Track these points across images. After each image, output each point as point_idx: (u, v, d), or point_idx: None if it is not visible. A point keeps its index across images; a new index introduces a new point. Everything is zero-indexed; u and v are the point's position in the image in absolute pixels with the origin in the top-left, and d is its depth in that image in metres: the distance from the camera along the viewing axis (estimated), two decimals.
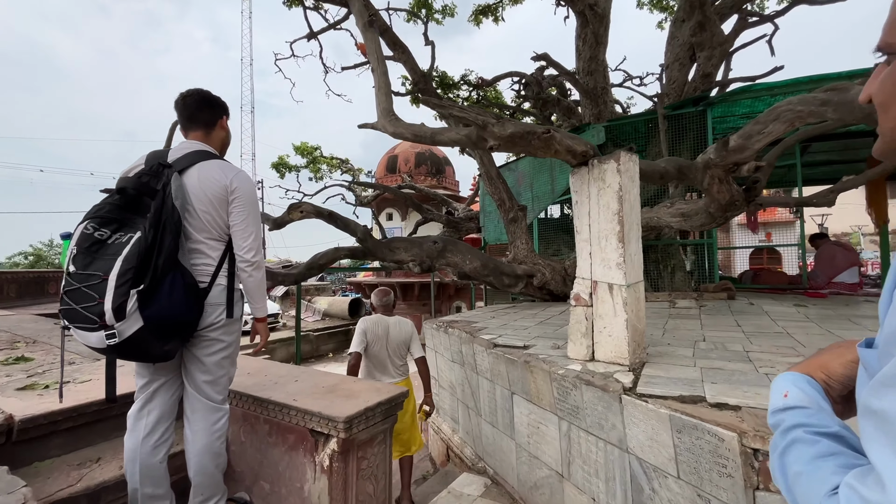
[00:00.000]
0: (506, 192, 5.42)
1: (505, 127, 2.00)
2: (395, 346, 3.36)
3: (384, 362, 3.33)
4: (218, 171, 1.75)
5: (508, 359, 2.70)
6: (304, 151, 11.37)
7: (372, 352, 3.30)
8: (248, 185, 1.81)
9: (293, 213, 5.24)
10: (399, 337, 3.37)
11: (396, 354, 3.37)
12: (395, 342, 3.36)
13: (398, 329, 3.37)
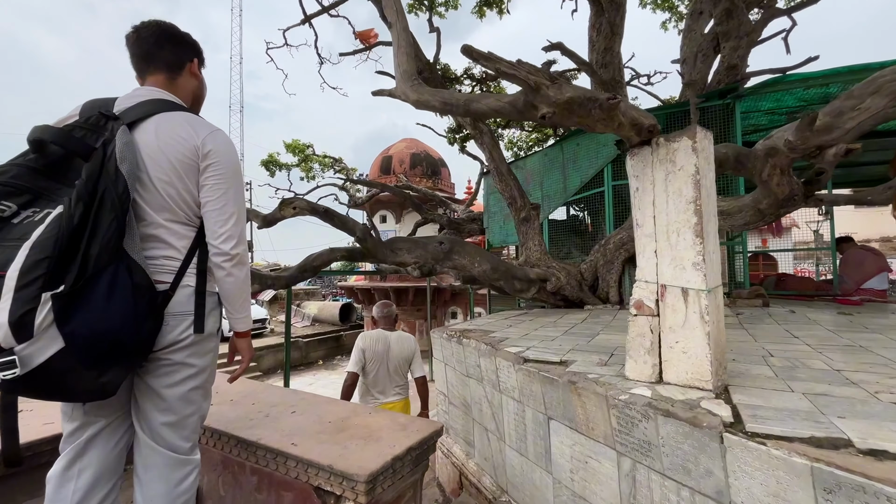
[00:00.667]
0: (517, 190, 5.02)
1: (562, 90, 1.59)
2: (396, 364, 3.20)
3: (383, 382, 3.15)
4: (185, 126, 1.28)
5: (545, 377, 2.27)
6: (296, 149, 10.87)
7: (370, 370, 3.14)
8: (228, 148, 1.35)
9: (285, 210, 4.76)
10: (401, 354, 3.18)
11: (397, 373, 3.21)
12: (396, 360, 3.18)
13: (400, 346, 3.18)
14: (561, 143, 5.67)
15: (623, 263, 4.72)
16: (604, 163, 5.11)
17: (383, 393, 3.22)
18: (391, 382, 3.23)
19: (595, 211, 5.50)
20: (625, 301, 4.69)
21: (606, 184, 5.09)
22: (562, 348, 2.72)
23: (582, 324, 3.75)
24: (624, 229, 4.67)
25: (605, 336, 3.12)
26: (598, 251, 4.85)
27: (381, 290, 13.87)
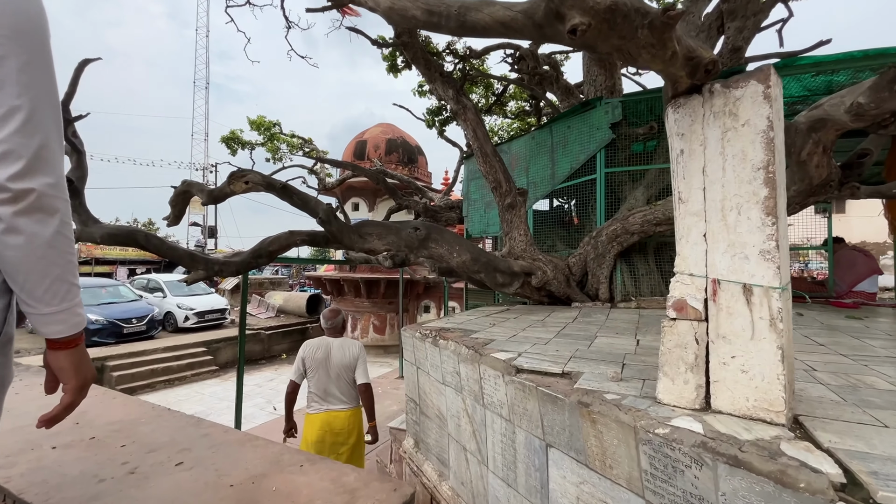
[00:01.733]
0: (503, 173, 4.52)
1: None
2: (338, 371, 3.10)
3: (327, 388, 3.07)
4: None
5: (545, 394, 1.78)
6: (261, 126, 9.99)
7: (311, 378, 3.10)
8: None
9: (235, 184, 4.09)
10: (342, 361, 3.09)
11: (340, 380, 3.11)
12: (337, 367, 3.10)
13: (341, 353, 3.11)
14: (550, 125, 5.22)
15: (615, 258, 4.32)
16: (597, 147, 4.68)
17: (327, 401, 3.13)
18: (335, 389, 3.12)
19: (583, 201, 5.10)
20: (616, 299, 4.29)
21: (599, 171, 4.67)
22: (560, 355, 2.24)
23: (574, 324, 3.30)
24: (618, 220, 4.26)
25: (605, 340, 2.67)
26: (589, 244, 4.43)
27: (350, 281, 13.18)
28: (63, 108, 4.76)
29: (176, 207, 4.39)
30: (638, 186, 4.75)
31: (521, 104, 9.22)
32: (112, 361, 8.96)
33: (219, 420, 7.09)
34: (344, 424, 3.17)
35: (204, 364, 10.32)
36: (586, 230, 5.34)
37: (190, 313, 12.70)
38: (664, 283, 4.40)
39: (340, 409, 3.16)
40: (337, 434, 3.12)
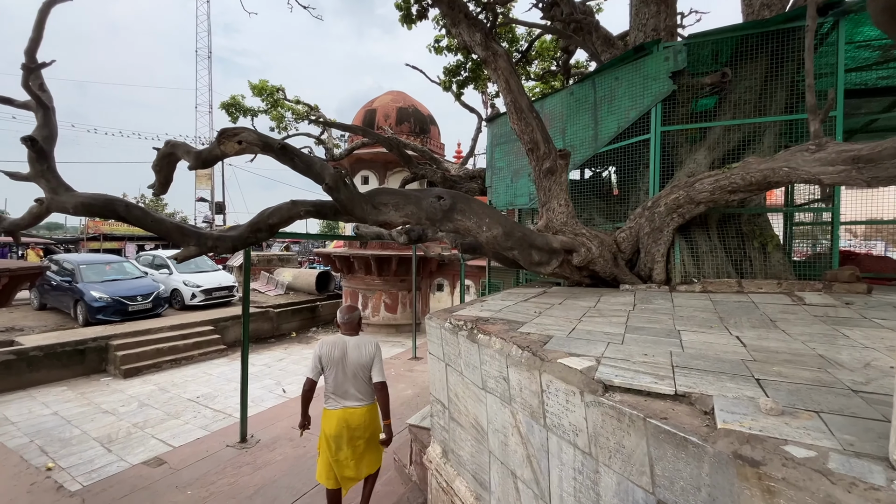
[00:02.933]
0: (540, 133, 3.83)
1: None
2: (355, 370, 3.08)
3: (343, 387, 3.08)
4: None
5: (661, 430, 1.19)
6: (263, 91, 9.27)
7: (328, 376, 3.08)
8: None
9: (226, 144, 3.47)
10: (359, 361, 3.09)
11: (357, 378, 3.08)
12: (353, 366, 3.09)
13: (358, 352, 3.10)
14: (593, 77, 4.47)
15: (674, 232, 3.65)
16: (652, 102, 3.95)
17: (344, 398, 3.09)
18: (352, 387, 3.09)
19: (629, 167, 4.40)
20: (673, 280, 3.66)
21: (654, 129, 3.95)
22: (654, 362, 1.63)
23: (638, 313, 2.68)
24: (680, 187, 3.57)
25: (695, 337, 2.06)
26: (643, 216, 3.77)
27: (361, 258, 12.65)
28: (28, 56, 4.15)
29: (161, 173, 3.80)
30: (699, 149, 4.03)
31: (547, 64, 8.34)
32: (116, 340, 8.64)
33: (227, 403, 6.73)
34: (361, 420, 3.10)
35: (211, 343, 9.98)
36: (631, 201, 4.65)
37: (197, 291, 12.34)
38: (731, 263, 3.74)
39: (357, 406, 3.10)
40: (354, 429, 3.08)
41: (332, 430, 3.06)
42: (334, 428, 3.05)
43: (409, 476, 3.78)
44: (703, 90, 3.93)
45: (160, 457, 4.92)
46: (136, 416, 6.14)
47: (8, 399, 6.84)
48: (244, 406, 5.30)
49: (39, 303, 11.18)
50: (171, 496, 4.10)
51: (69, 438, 5.41)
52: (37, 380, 7.50)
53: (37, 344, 7.82)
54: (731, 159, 3.90)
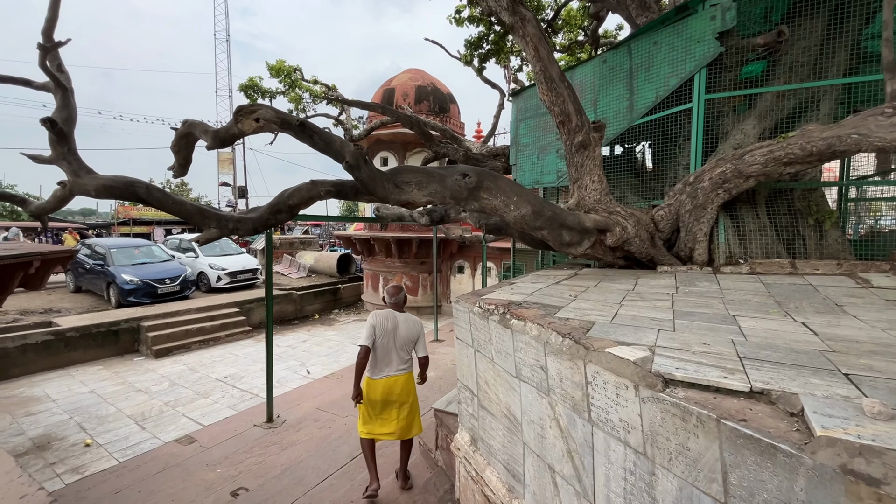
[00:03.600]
0: (573, 104, 3.57)
1: None
2: (402, 342, 3.42)
3: (390, 356, 3.38)
4: None
5: (739, 434, 1.03)
6: (280, 72, 9.12)
7: (379, 345, 3.36)
8: None
9: (244, 122, 3.35)
10: (407, 335, 3.43)
11: (403, 349, 3.42)
12: (402, 339, 3.42)
13: (407, 327, 3.44)
14: (629, 43, 4.13)
15: (718, 209, 3.38)
16: (696, 67, 3.61)
17: (389, 366, 3.41)
18: (397, 358, 3.43)
19: (665, 140, 4.09)
20: (717, 261, 3.40)
21: (697, 97, 3.63)
22: (715, 352, 1.45)
23: (682, 296, 2.47)
24: (727, 160, 3.28)
25: (754, 323, 1.85)
26: (683, 192, 3.49)
27: (381, 240, 12.60)
28: (44, 36, 4.10)
29: (180, 154, 3.72)
30: (747, 118, 3.69)
31: (574, 34, 7.87)
32: (147, 322, 8.88)
33: (253, 383, 6.84)
34: (402, 387, 3.46)
35: (237, 325, 10.18)
36: (668, 177, 4.36)
37: (222, 273, 12.56)
38: (781, 242, 3.45)
39: (399, 374, 3.43)
40: (398, 395, 3.43)
41: (377, 396, 3.39)
42: (379, 394, 3.39)
43: (435, 461, 3.72)
44: (753, 53, 3.57)
45: (191, 435, 5.03)
46: (168, 395, 6.30)
47: (49, 377, 7.13)
48: (270, 387, 5.35)
49: (74, 285, 11.59)
50: (201, 474, 4.18)
51: (105, 416, 5.59)
52: (74, 359, 7.80)
53: (73, 325, 8.10)
54: (783, 129, 3.55)
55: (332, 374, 7.37)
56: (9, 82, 3.78)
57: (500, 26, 7.02)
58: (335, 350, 8.99)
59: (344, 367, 7.74)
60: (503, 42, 7.42)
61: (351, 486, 3.84)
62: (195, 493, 3.86)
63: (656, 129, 4.16)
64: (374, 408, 3.43)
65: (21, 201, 4.04)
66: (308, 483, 3.97)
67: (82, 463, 4.47)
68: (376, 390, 3.39)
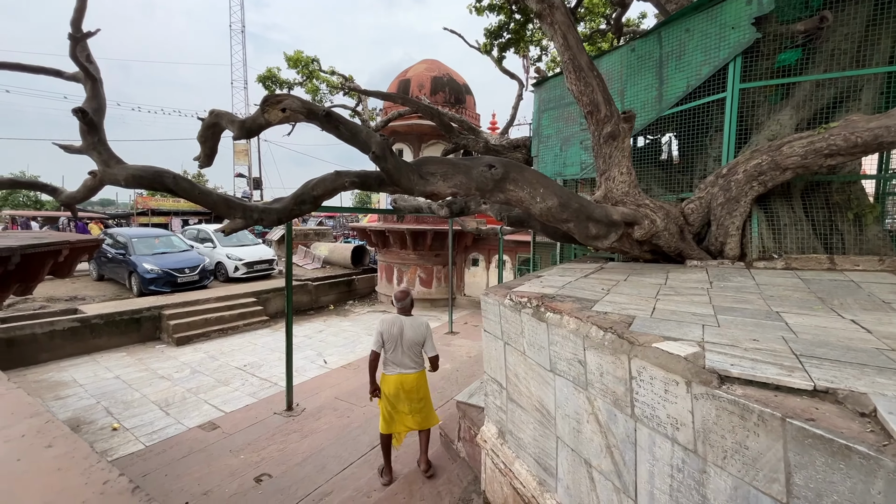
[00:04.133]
0: (602, 93, 3.49)
1: None
2: (410, 344, 3.60)
3: (400, 358, 3.61)
4: None
5: (808, 434, 0.99)
6: (298, 63, 9.12)
7: (388, 348, 3.60)
8: None
9: (270, 112, 3.35)
10: (413, 338, 3.61)
11: (412, 351, 3.63)
12: (408, 342, 3.60)
13: (413, 331, 3.62)
14: (659, 30, 4.01)
15: (752, 203, 3.28)
16: (730, 54, 3.49)
17: (400, 366, 3.61)
18: (407, 358, 3.62)
19: (694, 131, 3.97)
20: (749, 256, 3.31)
21: (731, 86, 3.52)
22: (770, 349, 1.41)
23: (717, 291, 2.41)
24: (762, 152, 3.18)
25: (801, 320, 1.80)
26: (715, 184, 3.40)
27: (396, 232, 12.61)
28: (73, 26, 4.14)
29: (206, 144, 3.74)
30: (782, 108, 3.56)
31: (596, 23, 7.70)
32: (168, 310, 9.06)
33: (272, 372, 6.95)
34: (414, 384, 3.64)
35: (255, 314, 10.33)
36: (697, 169, 4.25)
37: (240, 264, 12.73)
38: (817, 237, 3.34)
39: (410, 373, 3.63)
40: (409, 392, 3.62)
41: (390, 390, 3.62)
42: (392, 389, 3.61)
43: (457, 452, 3.74)
44: (792, 40, 3.43)
45: (213, 421, 5.13)
46: (190, 382, 6.43)
47: (76, 363, 7.33)
48: (290, 376, 5.42)
49: (98, 274, 11.87)
50: (225, 459, 4.27)
51: (131, 401, 5.73)
52: (99, 345, 8.00)
53: (98, 312, 8.31)
54: (821, 120, 3.43)
55: (349, 364, 7.43)
56: (40, 73, 3.83)
57: (522, 15, 6.89)
58: (351, 340, 9.07)
59: (360, 357, 7.80)
60: (523, 31, 7.29)
61: (372, 474, 3.88)
62: (220, 478, 3.94)
63: (685, 119, 4.05)
64: (389, 402, 3.63)
65: (52, 190, 4.12)
66: (330, 471, 4.02)
67: (111, 446, 4.60)
68: (389, 385, 3.63)
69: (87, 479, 0.95)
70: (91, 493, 0.90)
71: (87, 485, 0.93)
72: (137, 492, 0.97)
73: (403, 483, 3.59)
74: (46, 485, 0.97)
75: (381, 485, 3.68)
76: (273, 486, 3.77)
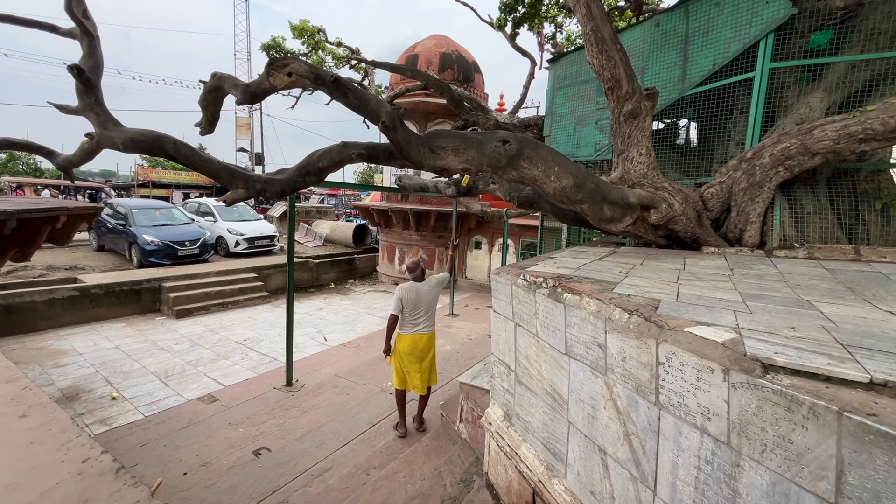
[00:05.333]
0: (624, 68, 3.31)
1: None
2: (426, 307, 4.00)
3: (416, 319, 3.96)
4: None
5: (869, 430, 0.89)
6: (304, 32, 8.81)
7: (408, 312, 3.95)
8: None
9: (276, 76, 3.19)
10: (429, 300, 4.02)
11: (427, 312, 4.01)
12: (426, 304, 3.99)
13: (428, 294, 4.00)
14: (687, 5, 3.79)
15: (775, 189, 3.15)
16: (762, 31, 3.31)
17: (416, 326, 3.96)
18: (422, 320, 3.97)
19: (716, 113, 3.80)
20: (769, 244, 3.20)
21: (761, 66, 3.34)
22: (813, 337, 1.30)
23: (740, 278, 2.31)
24: (791, 135, 3.03)
25: (838, 309, 1.69)
26: (738, 168, 3.26)
27: (399, 212, 12.46)
28: None
29: (208, 109, 3.59)
30: (813, 90, 3.39)
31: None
32: (168, 283, 9.00)
33: (271, 347, 6.91)
34: (425, 343, 4.01)
35: (255, 290, 10.27)
36: (717, 153, 4.09)
37: (240, 238, 12.62)
38: (841, 227, 3.22)
39: (424, 332, 3.99)
40: (421, 350, 3.98)
41: (405, 348, 3.96)
42: (407, 347, 3.95)
43: (458, 433, 3.70)
44: (830, 17, 3.24)
45: (213, 394, 5.11)
46: (189, 355, 6.40)
47: (75, 332, 7.31)
48: (290, 351, 5.37)
49: (98, 244, 11.78)
50: (224, 432, 4.24)
51: (130, 371, 5.70)
52: (98, 315, 7.97)
53: (97, 282, 8.25)
54: (854, 104, 3.26)
55: (350, 342, 7.40)
56: (35, 26, 3.65)
57: None
58: (351, 319, 9.03)
59: (360, 335, 7.77)
60: (539, 5, 7.01)
61: (372, 452, 3.85)
62: (219, 450, 3.91)
63: (708, 100, 3.88)
64: (402, 360, 3.99)
65: (48, 153, 3.98)
66: (329, 447, 3.99)
67: (110, 415, 4.58)
68: (405, 343, 3.96)
69: (63, 455, 0.85)
70: (67, 473, 0.80)
71: (64, 462, 0.83)
72: (122, 473, 0.87)
73: (403, 462, 3.56)
74: (14, 461, 0.86)
75: (397, 436, 4.08)
76: (272, 461, 3.75)
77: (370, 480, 3.34)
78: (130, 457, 3.81)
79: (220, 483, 3.45)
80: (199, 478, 3.52)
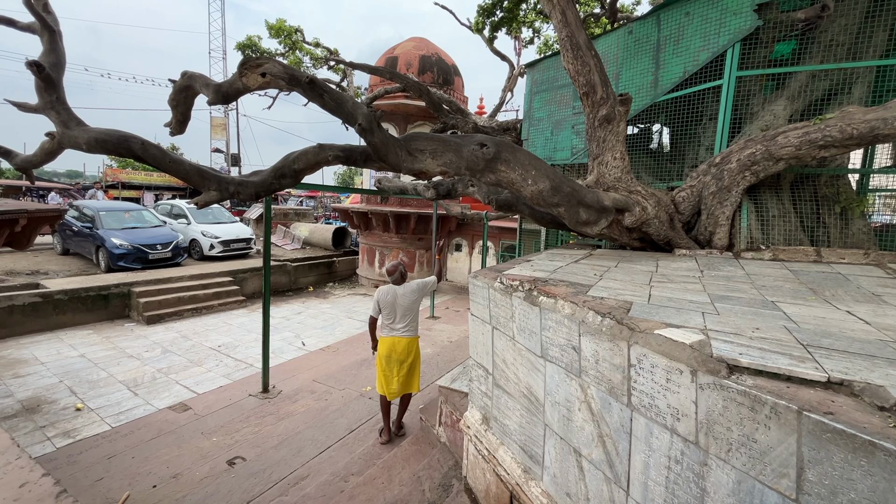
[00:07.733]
0: (599, 74, 3.37)
1: None
2: (403, 312, 3.89)
3: (394, 322, 3.90)
4: None
5: (826, 428, 0.92)
6: (281, 32, 8.67)
7: (385, 315, 3.92)
8: None
9: (249, 76, 3.12)
10: (406, 305, 3.90)
11: (405, 318, 3.90)
12: (402, 309, 3.89)
13: (405, 299, 3.90)
14: (658, 13, 3.90)
15: (743, 193, 3.26)
16: (730, 41, 3.42)
17: (394, 329, 3.90)
18: (400, 324, 3.89)
19: (687, 119, 3.92)
20: (737, 246, 3.30)
21: (727, 74, 3.46)
22: (775, 338, 1.35)
23: (709, 280, 2.37)
24: (757, 141, 3.14)
25: (798, 310, 1.76)
26: (708, 173, 3.36)
27: (379, 214, 12.38)
28: None
29: (178, 109, 3.48)
30: (777, 99, 3.53)
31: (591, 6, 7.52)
32: (139, 287, 8.68)
33: (247, 353, 6.75)
34: (404, 347, 3.91)
35: (231, 294, 10.01)
36: (688, 157, 4.21)
37: (215, 242, 12.29)
38: (803, 229, 3.36)
39: (402, 336, 3.91)
40: (399, 353, 3.90)
41: (384, 351, 3.92)
42: (385, 350, 3.91)
43: (438, 437, 3.68)
44: (792, 29, 3.38)
45: (185, 403, 4.95)
46: (160, 362, 6.19)
47: (37, 340, 6.96)
48: (266, 357, 5.25)
49: (62, 248, 11.27)
50: (196, 441, 4.11)
51: (97, 380, 5.47)
52: (63, 322, 7.62)
53: (62, 288, 7.88)
54: (814, 112, 3.41)
55: (328, 346, 7.29)
56: None
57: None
58: (330, 323, 8.90)
59: (339, 339, 7.67)
60: (517, 10, 7.08)
61: (350, 458, 3.80)
62: (191, 461, 3.79)
63: (679, 107, 4.00)
64: (381, 363, 3.94)
65: (5, 153, 3.78)
66: (306, 454, 3.92)
67: (74, 427, 4.37)
68: (384, 346, 3.93)
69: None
70: (2, 500, 0.74)
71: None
72: (63, 497, 0.82)
73: (382, 467, 3.52)
74: None
75: (380, 443, 4.03)
76: (246, 470, 3.65)
77: (348, 488, 3.29)
78: (96, 470, 3.65)
79: (191, 495, 3.34)
80: (169, 490, 3.40)
